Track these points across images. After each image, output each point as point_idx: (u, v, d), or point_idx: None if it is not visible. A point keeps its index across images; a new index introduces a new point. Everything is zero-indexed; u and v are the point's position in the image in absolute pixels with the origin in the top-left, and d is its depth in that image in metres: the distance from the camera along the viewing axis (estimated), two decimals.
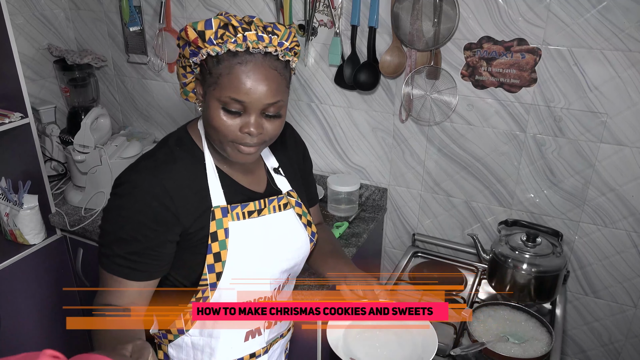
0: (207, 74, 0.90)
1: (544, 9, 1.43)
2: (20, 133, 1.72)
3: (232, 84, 0.87)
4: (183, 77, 0.97)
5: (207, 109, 0.92)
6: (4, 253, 1.76)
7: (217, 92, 0.89)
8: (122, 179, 0.95)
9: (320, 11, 1.71)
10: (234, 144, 0.93)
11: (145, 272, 0.95)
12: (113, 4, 2.09)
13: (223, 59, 0.87)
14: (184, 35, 0.90)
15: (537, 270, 1.47)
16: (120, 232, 0.93)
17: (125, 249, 0.93)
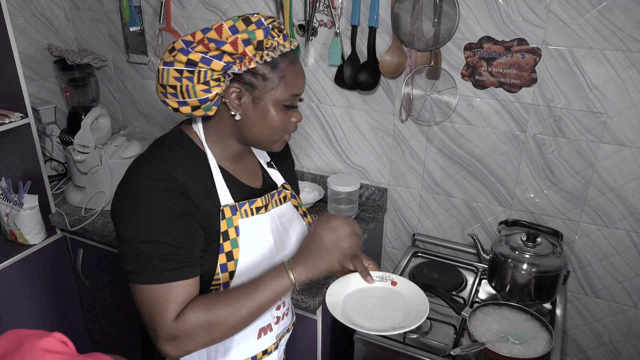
0: (262, 80, 0.92)
1: (544, 9, 1.43)
2: (20, 133, 1.72)
3: (293, 82, 0.94)
4: (205, 93, 0.90)
5: (265, 112, 0.94)
6: (4, 253, 1.77)
7: (279, 93, 0.93)
8: (131, 184, 0.90)
9: (320, 11, 1.71)
10: (284, 137, 0.99)
11: (192, 265, 0.91)
12: (113, 4, 2.09)
13: (277, 62, 0.92)
14: (230, 48, 0.87)
15: (537, 270, 1.47)
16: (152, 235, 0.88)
17: (163, 250, 0.88)
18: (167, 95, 0.92)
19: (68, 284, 1.98)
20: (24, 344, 0.58)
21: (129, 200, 0.90)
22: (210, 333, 0.87)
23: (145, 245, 0.87)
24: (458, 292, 1.62)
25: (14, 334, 0.61)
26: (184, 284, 0.89)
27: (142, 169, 0.93)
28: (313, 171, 1.98)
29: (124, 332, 1.97)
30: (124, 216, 0.90)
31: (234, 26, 0.88)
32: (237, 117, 0.95)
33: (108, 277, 1.89)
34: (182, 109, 0.93)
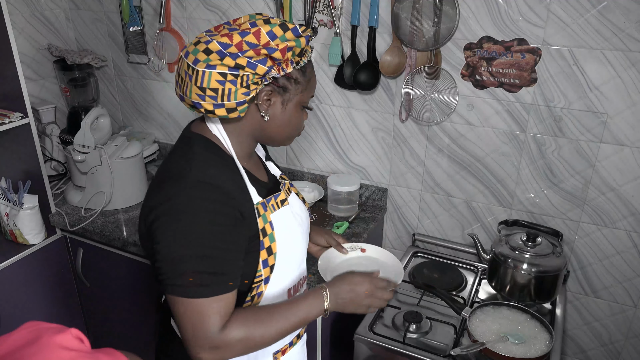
0: (294, 83, 0.97)
1: (544, 9, 1.43)
2: (20, 133, 1.72)
3: (314, 85, 1.03)
4: (245, 96, 0.91)
5: (291, 113, 1.00)
6: (4, 253, 1.77)
7: (304, 95, 1.00)
8: (179, 197, 0.89)
9: (320, 11, 1.71)
10: (297, 134, 1.06)
11: (236, 278, 0.93)
12: (113, 4, 2.09)
13: (306, 67, 0.99)
14: (278, 55, 0.90)
15: (537, 270, 1.47)
16: (202, 249, 0.88)
17: (211, 265, 0.89)
18: (205, 98, 0.91)
19: (68, 284, 1.98)
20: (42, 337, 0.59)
21: (177, 214, 0.89)
22: (248, 347, 0.94)
23: (194, 260, 0.88)
24: (458, 292, 1.62)
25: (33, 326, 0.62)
26: (227, 296, 0.91)
27: (187, 180, 0.91)
28: (313, 171, 1.98)
29: (124, 332, 1.97)
30: (171, 230, 0.88)
31: (272, 31, 0.90)
32: (267, 118, 0.98)
33: (108, 277, 1.89)
34: (217, 111, 0.92)
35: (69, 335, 0.60)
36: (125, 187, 1.86)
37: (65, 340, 0.60)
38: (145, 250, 0.99)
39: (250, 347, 0.94)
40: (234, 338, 0.90)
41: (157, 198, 0.92)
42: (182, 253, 0.88)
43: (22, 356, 0.57)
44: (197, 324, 0.88)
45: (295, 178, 2.00)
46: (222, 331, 0.89)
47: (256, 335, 0.93)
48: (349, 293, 1.03)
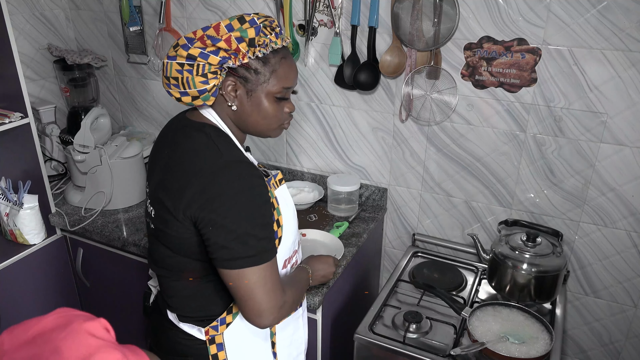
0: (254, 74, 1.01)
1: (544, 9, 1.43)
2: (20, 133, 1.72)
3: (284, 76, 1.04)
4: (203, 84, 0.99)
5: (258, 103, 1.04)
6: (4, 253, 1.77)
7: (271, 86, 1.02)
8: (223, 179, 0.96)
9: (320, 11, 1.71)
10: (279, 126, 1.09)
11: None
12: (113, 4, 2.09)
13: (269, 58, 1.01)
14: (225, 45, 0.96)
15: (537, 270, 1.47)
16: (260, 219, 0.99)
17: (267, 230, 1.00)
18: (171, 86, 1.02)
19: (68, 284, 1.98)
20: (72, 323, 0.63)
21: (232, 193, 0.96)
22: (290, 309, 1.09)
23: (257, 229, 0.97)
24: (458, 292, 1.62)
25: (64, 312, 0.66)
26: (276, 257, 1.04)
27: (225, 163, 0.99)
28: (313, 171, 1.98)
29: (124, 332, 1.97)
30: (232, 209, 0.96)
31: (230, 24, 0.97)
32: (234, 108, 1.05)
33: (108, 277, 1.89)
34: (183, 98, 1.02)
35: (98, 324, 0.64)
36: (125, 187, 1.87)
37: (94, 328, 0.63)
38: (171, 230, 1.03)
39: (290, 309, 1.09)
40: (289, 298, 1.06)
41: (202, 185, 0.97)
42: (246, 227, 0.96)
43: (52, 338, 0.61)
44: (269, 286, 1.00)
45: (295, 178, 2.00)
46: (284, 291, 1.04)
47: (292, 297, 1.09)
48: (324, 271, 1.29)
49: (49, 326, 0.64)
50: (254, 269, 0.98)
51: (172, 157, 1.05)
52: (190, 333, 1.12)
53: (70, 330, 0.62)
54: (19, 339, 0.63)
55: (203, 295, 1.10)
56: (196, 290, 1.10)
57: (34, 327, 0.64)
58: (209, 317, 1.11)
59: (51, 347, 0.60)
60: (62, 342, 0.61)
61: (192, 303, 1.11)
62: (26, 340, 0.63)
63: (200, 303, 1.11)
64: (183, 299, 1.12)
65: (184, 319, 1.13)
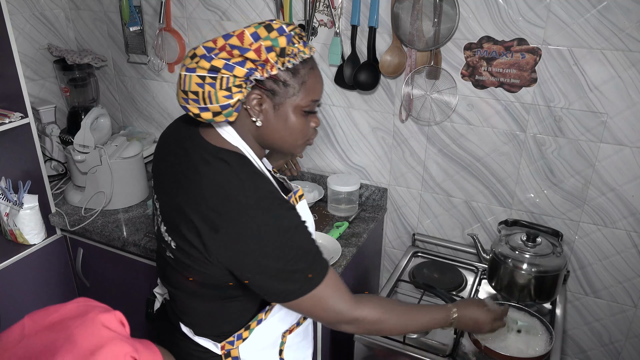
0: (283, 86, 0.93)
1: (544, 9, 1.43)
2: (20, 133, 1.72)
3: (313, 88, 0.96)
4: (227, 99, 0.90)
5: (285, 118, 0.96)
6: (4, 253, 1.77)
7: (299, 99, 0.95)
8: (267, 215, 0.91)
9: (320, 11, 1.71)
10: (306, 141, 1.02)
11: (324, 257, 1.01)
12: (113, 4, 2.09)
13: (298, 69, 0.93)
14: (255, 55, 0.88)
15: (537, 270, 1.47)
16: (302, 248, 0.94)
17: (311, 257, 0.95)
18: (189, 101, 0.91)
19: (68, 284, 1.98)
20: (89, 313, 0.65)
21: (264, 235, 0.90)
22: (379, 330, 1.04)
23: (299, 261, 0.93)
24: (458, 292, 1.62)
25: (83, 302, 0.68)
26: (331, 271, 0.98)
27: (251, 202, 0.91)
28: (313, 171, 1.98)
29: None
30: (266, 251, 0.90)
31: (256, 33, 0.89)
32: (259, 123, 0.96)
33: (108, 277, 1.89)
34: (203, 114, 0.92)
35: (113, 316, 0.65)
36: (125, 187, 1.87)
37: (109, 320, 0.64)
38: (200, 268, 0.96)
39: (383, 330, 1.04)
40: (370, 317, 1.01)
41: (235, 230, 0.90)
42: (288, 264, 0.91)
43: (69, 326, 0.63)
44: (328, 307, 0.97)
45: (295, 178, 2.00)
46: (356, 307, 0.99)
47: (390, 323, 1.03)
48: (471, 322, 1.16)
49: (68, 314, 0.65)
50: (307, 297, 0.94)
51: (193, 186, 0.95)
52: (205, 346, 1.08)
53: (85, 319, 0.63)
54: (39, 324, 0.65)
55: (223, 314, 1.06)
56: (215, 310, 1.05)
57: (54, 313, 0.65)
58: (227, 333, 1.07)
59: (66, 335, 0.62)
60: (76, 330, 0.62)
61: (210, 321, 1.07)
62: (46, 325, 0.64)
63: (219, 322, 1.07)
64: (200, 317, 1.07)
65: (200, 333, 1.09)
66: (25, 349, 0.62)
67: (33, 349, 0.62)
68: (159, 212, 1.06)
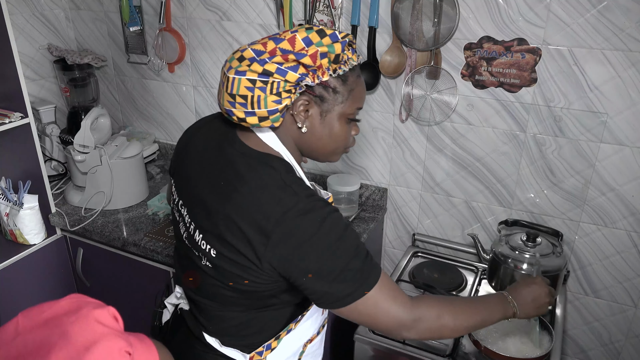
0: (332, 93, 0.93)
1: (544, 9, 1.43)
2: (20, 133, 1.72)
3: (360, 96, 0.96)
4: (276, 104, 0.89)
5: (332, 126, 0.95)
6: (4, 253, 1.77)
7: (347, 106, 0.95)
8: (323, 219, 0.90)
9: (320, 11, 1.71)
10: (345, 149, 1.02)
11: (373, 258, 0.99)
12: (113, 3, 2.09)
13: (347, 76, 0.93)
14: (309, 61, 0.87)
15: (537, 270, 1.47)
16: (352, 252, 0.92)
17: (362, 260, 0.93)
18: (235, 105, 0.90)
19: (68, 284, 1.98)
20: (82, 309, 0.65)
21: (317, 237, 0.89)
22: (441, 326, 0.98)
23: (354, 260, 0.91)
24: (458, 292, 1.62)
25: (76, 298, 0.68)
26: (384, 275, 0.95)
27: (301, 206, 0.90)
28: (313, 171, 1.98)
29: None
30: (320, 252, 0.89)
31: (308, 38, 0.87)
32: (304, 130, 0.95)
33: (108, 277, 1.89)
34: (249, 119, 0.91)
35: (106, 312, 0.66)
36: (126, 187, 1.87)
37: (102, 315, 0.65)
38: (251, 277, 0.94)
39: (442, 328, 0.98)
40: (430, 314, 0.96)
41: (286, 234, 0.88)
42: (342, 265, 0.90)
43: (63, 322, 0.63)
44: (386, 310, 0.93)
45: None
46: (414, 307, 0.95)
47: (450, 317, 0.98)
48: (532, 298, 1.11)
49: (61, 310, 0.65)
50: (362, 300, 0.91)
51: (239, 193, 0.91)
52: (233, 357, 1.06)
53: (79, 315, 0.63)
54: (33, 321, 0.65)
55: (254, 325, 1.04)
56: (248, 321, 1.03)
57: (48, 310, 0.66)
58: (256, 344, 1.05)
59: (60, 331, 0.62)
60: (70, 326, 0.62)
61: (241, 332, 1.04)
62: (40, 322, 0.65)
63: (251, 332, 1.04)
64: (229, 328, 1.05)
65: (228, 343, 1.06)
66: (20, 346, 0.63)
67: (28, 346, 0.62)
68: (190, 219, 1.00)
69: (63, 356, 0.59)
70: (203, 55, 1.99)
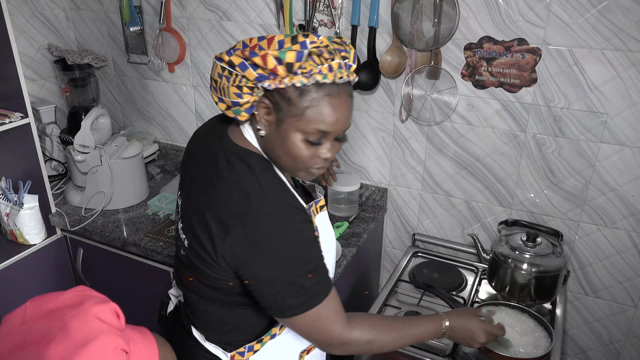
0: (286, 104, 0.87)
1: (544, 9, 1.43)
2: (21, 133, 1.72)
3: (320, 117, 0.87)
4: (236, 97, 0.89)
5: (284, 137, 0.90)
6: (4, 253, 1.77)
7: (302, 123, 0.87)
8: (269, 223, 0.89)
9: (320, 11, 1.71)
10: (308, 169, 0.95)
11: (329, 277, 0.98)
12: (113, 4, 2.09)
13: (309, 91, 0.86)
14: (261, 62, 0.84)
15: (537, 270, 1.47)
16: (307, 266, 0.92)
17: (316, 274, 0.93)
18: (211, 88, 0.94)
19: (68, 284, 1.98)
20: (84, 303, 0.66)
21: (274, 246, 0.89)
22: (372, 349, 1.01)
23: (303, 278, 0.91)
24: (458, 292, 1.62)
25: (81, 290, 0.69)
26: (333, 292, 0.96)
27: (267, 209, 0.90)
28: None
29: None
30: (274, 262, 0.89)
31: (282, 41, 0.85)
32: (262, 133, 0.93)
33: (108, 277, 1.89)
34: (219, 104, 0.94)
35: (107, 308, 0.66)
36: (126, 187, 1.86)
37: (103, 312, 0.65)
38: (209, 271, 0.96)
39: (372, 350, 1.02)
40: (361, 339, 0.98)
41: (244, 233, 0.89)
42: (289, 280, 0.90)
43: (64, 315, 0.64)
44: (323, 329, 0.95)
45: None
46: (349, 330, 0.97)
47: (381, 341, 1.00)
48: (466, 334, 1.11)
49: (65, 302, 0.66)
50: (302, 316, 0.92)
51: (213, 187, 0.94)
52: (215, 354, 1.07)
53: (80, 310, 0.64)
54: (40, 310, 0.66)
55: (234, 322, 1.05)
56: (227, 317, 1.04)
57: (54, 300, 0.67)
58: (237, 343, 1.06)
59: (61, 324, 0.62)
60: (70, 320, 0.63)
61: (221, 328, 1.06)
62: (45, 312, 0.65)
63: (230, 329, 1.06)
64: (211, 323, 1.06)
65: (210, 339, 1.07)
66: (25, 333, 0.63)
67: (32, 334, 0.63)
68: (180, 210, 1.05)
69: (61, 349, 0.60)
70: (203, 55, 1.99)
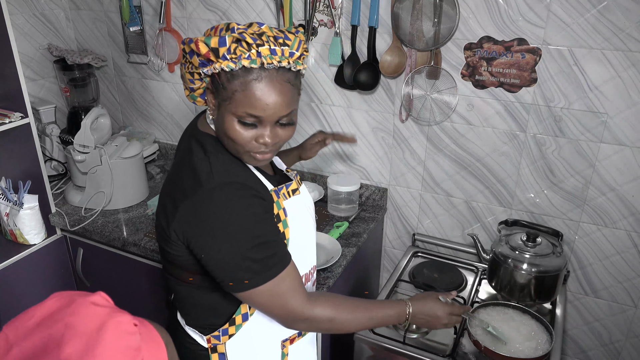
0: (221, 88, 0.91)
1: (544, 9, 1.43)
2: (20, 133, 1.72)
3: (248, 100, 0.90)
4: (190, 83, 0.97)
5: (222, 120, 0.94)
6: (4, 253, 1.77)
7: (233, 106, 0.91)
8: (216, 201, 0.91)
9: (320, 11, 1.71)
10: (250, 153, 0.96)
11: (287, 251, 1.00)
12: (113, 3, 2.09)
13: (237, 75, 0.89)
14: (195, 48, 0.89)
15: (537, 270, 1.47)
16: (254, 240, 0.93)
17: (267, 249, 0.94)
18: None
19: (68, 284, 1.98)
20: (75, 300, 0.66)
21: (220, 220, 0.91)
22: (333, 328, 1.04)
23: (252, 252, 0.92)
24: (458, 292, 1.62)
25: (61, 294, 0.68)
26: (292, 267, 0.98)
27: (216, 186, 0.93)
28: (313, 171, 1.98)
29: None
30: (220, 236, 0.92)
31: (221, 29, 0.92)
32: (209, 117, 1.00)
33: (108, 277, 1.89)
34: (185, 91, 1.02)
35: (99, 296, 0.68)
36: (126, 187, 1.86)
37: (97, 299, 0.67)
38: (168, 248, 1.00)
39: (334, 329, 1.04)
40: (322, 315, 1.00)
41: (192, 208, 0.93)
42: (239, 253, 0.92)
43: (63, 316, 0.63)
44: (282, 305, 0.96)
45: None
46: (309, 306, 0.98)
47: (342, 319, 1.02)
48: (428, 317, 1.12)
49: (52, 308, 0.65)
50: (255, 291, 0.93)
51: (173, 169, 1.02)
52: (194, 338, 1.10)
53: (76, 305, 0.64)
54: (23, 328, 0.65)
55: (206, 304, 1.07)
56: (199, 299, 1.06)
57: (36, 313, 0.66)
58: (211, 326, 1.07)
59: (62, 325, 0.62)
60: (71, 317, 0.62)
61: (196, 310, 1.08)
62: (32, 327, 0.64)
63: (203, 311, 1.08)
64: (187, 305, 1.09)
65: (189, 323, 1.11)
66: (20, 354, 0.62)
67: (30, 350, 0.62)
68: None
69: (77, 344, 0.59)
70: None
